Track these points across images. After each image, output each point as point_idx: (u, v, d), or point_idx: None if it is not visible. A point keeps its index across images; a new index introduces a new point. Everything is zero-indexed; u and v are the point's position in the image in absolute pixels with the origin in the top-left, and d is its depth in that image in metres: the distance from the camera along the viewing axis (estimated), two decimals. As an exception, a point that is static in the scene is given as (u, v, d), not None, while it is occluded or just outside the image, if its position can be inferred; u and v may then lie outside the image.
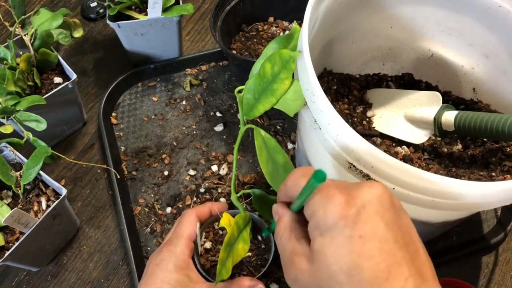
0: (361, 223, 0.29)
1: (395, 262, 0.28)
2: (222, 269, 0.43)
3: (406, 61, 0.63)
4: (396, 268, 0.28)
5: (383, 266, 0.28)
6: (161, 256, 0.46)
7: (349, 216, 0.29)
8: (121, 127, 0.73)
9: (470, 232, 0.62)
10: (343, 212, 0.29)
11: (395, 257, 0.29)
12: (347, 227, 0.29)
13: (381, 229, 0.29)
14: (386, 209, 0.30)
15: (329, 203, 0.30)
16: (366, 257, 0.28)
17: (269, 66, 0.41)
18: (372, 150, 0.36)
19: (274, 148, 0.42)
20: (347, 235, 0.29)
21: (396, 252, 0.29)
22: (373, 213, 0.30)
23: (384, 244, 0.29)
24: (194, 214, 0.50)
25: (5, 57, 0.60)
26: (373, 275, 0.28)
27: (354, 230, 0.29)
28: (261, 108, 0.42)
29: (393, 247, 0.29)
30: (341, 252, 0.29)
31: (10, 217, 0.48)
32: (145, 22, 0.70)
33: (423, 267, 0.30)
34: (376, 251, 0.29)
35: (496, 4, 0.50)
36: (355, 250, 0.29)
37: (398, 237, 0.30)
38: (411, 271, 0.28)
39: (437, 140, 0.58)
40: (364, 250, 0.29)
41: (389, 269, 0.28)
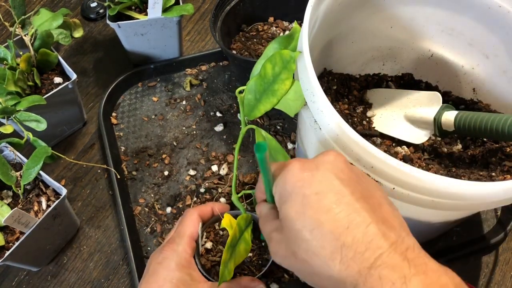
0: (316, 182, 0.31)
1: (354, 211, 0.29)
2: (224, 270, 0.43)
3: (406, 61, 0.63)
4: (355, 217, 0.29)
5: (342, 216, 0.29)
6: (163, 254, 0.46)
7: (305, 178, 0.31)
8: (121, 127, 0.73)
9: (470, 232, 0.62)
10: (299, 176, 0.31)
11: (354, 207, 0.29)
12: (303, 188, 0.31)
13: (336, 185, 0.30)
14: (340, 169, 0.32)
15: (287, 173, 0.32)
16: (324, 210, 0.29)
17: (269, 67, 0.41)
18: (372, 150, 0.36)
19: (275, 148, 0.42)
20: (304, 194, 0.30)
21: (354, 203, 0.30)
22: (327, 172, 0.31)
23: (341, 197, 0.30)
24: (196, 213, 0.50)
25: (5, 57, 0.60)
26: (333, 225, 0.29)
27: (310, 189, 0.30)
28: (262, 108, 0.42)
29: (351, 199, 0.30)
30: (301, 211, 0.30)
31: (10, 217, 0.48)
32: (145, 22, 0.70)
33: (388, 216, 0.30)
34: (333, 204, 0.29)
35: (496, 4, 0.50)
36: (313, 206, 0.30)
37: (355, 191, 0.30)
38: (372, 218, 0.29)
39: (437, 140, 0.58)
40: (321, 204, 0.30)
41: (348, 218, 0.29)
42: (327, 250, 0.29)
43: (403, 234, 0.30)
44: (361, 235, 0.28)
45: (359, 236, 0.28)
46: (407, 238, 0.29)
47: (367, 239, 0.28)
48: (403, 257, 0.28)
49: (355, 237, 0.28)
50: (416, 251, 0.29)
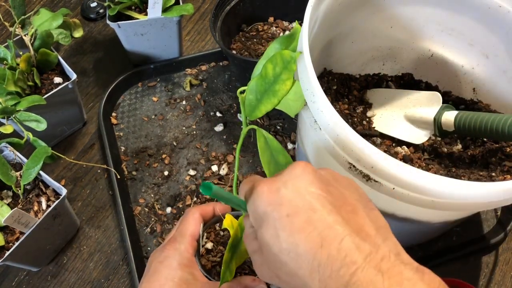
0: (286, 203, 0.30)
1: (327, 227, 0.29)
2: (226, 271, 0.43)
3: (406, 61, 0.63)
4: (328, 233, 0.28)
5: (314, 235, 0.28)
6: (165, 253, 0.46)
7: (274, 200, 0.30)
8: (121, 127, 0.73)
9: (470, 232, 0.63)
10: (268, 199, 0.31)
11: (326, 222, 0.29)
12: (274, 211, 0.30)
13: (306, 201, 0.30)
14: (309, 182, 0.31)
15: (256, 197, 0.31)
16: (296, 231, 0.29)
17: (270, 67, 0.41)
18: (372, 150, 0.36)
19: (276, 149, 0.42)
20: (276, 218, 0.30)
21: (326, 217, 0.29)
22: (295, 190, 0.30)
23: (312, 214, 0.29)
24: (198, 212, 0.50)
25: (5, 57, 0.60)
26: (308, 245, 0.28)
27: (280, 211, 0.30)
28: (263, 109, 0.42)
29: (322, 213, 0.29)
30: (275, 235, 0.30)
31: (10, 217, 0.48)
32: (145, 22, 0.70)
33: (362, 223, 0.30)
34: (304, 223, 0.29)
35: (496, 4, 0.50)
36: (286, 229, 0.29)
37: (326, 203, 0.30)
38: (346, 231, 0.28)
39: (437, 140, 0.58)
40: (293, 226, 0.29)
41: (321, 236, 0.28)
42: (305, 270, 0.29)
43: (379, 241, 0.29)
44: (335, 252, 0.28)
45: (333, 253, 0.28)
46: (383, 245, 0.29)
47: (342, 255, 0.28)
48: (377, 270, 0.27)
49: (330, 254, 0.28)
50: (392, 258, 0.28)
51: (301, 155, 0.55)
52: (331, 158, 0.40)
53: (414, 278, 0.27)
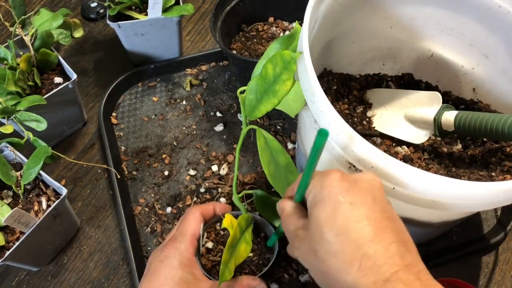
0: (353, 193, 0.32)
1: (380, 228, 0.31)
2: (225, 270, 0.43)
3: (406, 61, 0.63)
4: (381, 233, 0.31)
5: (369, 229, 0.31)
6: (165, 253, 0.46)
7: (343, 186, 0.33)
8: (121, 127, 0.73)
9: (470, 232, 0.63)
10: (338, 183, 0.33)
11: (381, 224, 0.31)
12: (340, 195, 0.32)
13: (369, 201, 0.32)
14: (375, 189, 0.34)
15: (326, 178, 0.34)
16: (354, 220, 0.31)
17: (270, 67, 0.41)
18: (372, 150, 0.36)
19: (276, 149, 0.42)
20: (339, 201, 0.32)
21: (382, 221, 0.32)
22: (364, 189, 0.33)
23: (371, 212, 0.32)
24: (198, 212, 0.50)
25: (5, 57, 0.60)
26: (359, 235, 0.31)
27: (346, 197, 0.32)
28: (263, 109, 0.42)
29: (380, 216, 0.32)
30: (332, 215, 0.32)
31: (10, 217, 0.48)
32: (145, 22, 0.70)
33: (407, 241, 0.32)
34: (363, 216, 0.31)
35: (496, 4, 0.50)
36: (345, 214, 0.32)
37: (384, 211, 0.33)
38: (395, 238, 0.31)
39: (437, 140, 0.58)
40: (353, 214, 0.31)
41: (374, 232, 0.31)
42: (348, 255, 0.31)
43: (418, 259, 0.32)
44: (382, 250, 0.30)
45: (380, 250, 0.30)
46: (420, 264, 0.31)
47: (388, 255, 0.30)
48: (416, 277, 0.30)
49: (377, 250, 0.30)
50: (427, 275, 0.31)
51: (301, 155, 0.55)
52: (331, 158, 0.40)
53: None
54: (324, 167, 0.48)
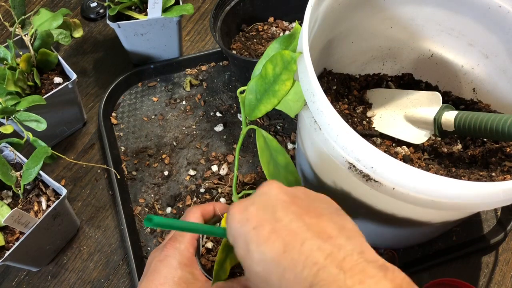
0: (252, 217, 0.32)
1: (288, 234, 0.30)
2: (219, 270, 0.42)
3: (406, 61, 0.63)
4: (290, 239, 0.30)
5: (278, 242, 0.30)
6: (165, 252, 0.46)
7: (242, 218, 0.33)
8: (121, 127, 0.73)
9: (470, 232, 0.63)
10: (238, 217, 0.33)
11: (288, 229, 0.30)
12: (243, 227, 0.32)
13: (269, 215, 0.32)
14: (273, 197, 0.33)
15: (229, 219, 0.34)
16: (262, 241, 0.31)
17: (270, 67, 0.41)
18: (372, 150, 0.36)
19: (276, 149, 0.42)
20: (245, 232, 0.32)
21: (288, 225, 0.31)
22: (261, 205, 0.33)
23: (275, 223, 0.31)
24: (199, 212, 0.50)
25: (5, 57, 0.60)
26: (273, 253, 0.30)
27: (248, 226, 0.32)
28: (263, 109, 0.42)
29: (285, 222, 0.31)
30: (246, 249, 0.32)
31: (10, 217, 0.48)
32: (145, 22, 0.70)
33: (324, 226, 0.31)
34: (269, 233, 0.31)
35: (496, 4, 0.50)
36: (254, 241, 0.31)
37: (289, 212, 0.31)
38: (306, 235, 0.29)
39: (437, 140, 0.58)
40: (259, 237, 0.31)
41: (284, 242, 0.30)
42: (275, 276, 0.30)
43: (341, 241, 0.29)
44: (297, 255, 0.29)
45: (295, 256, 0.29)
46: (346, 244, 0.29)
47: (303, 257, 0.28)
48: (339, 268, 0.28)
49: (293, 258, 0.29)
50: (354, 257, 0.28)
51: (301, 155, 0.55)
52: (331, 158, 0.40)
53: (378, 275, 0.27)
54: (324, 167, 0.48)
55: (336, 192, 0.48)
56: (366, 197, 0.45)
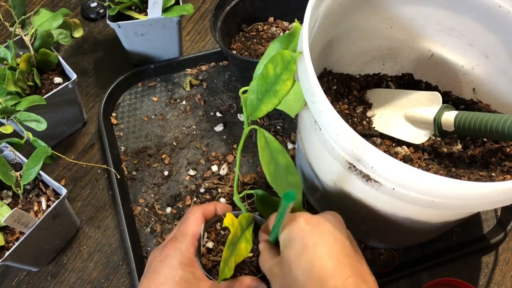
0: (316, 235, 0.38)
1: (340, 264, 0.36)
2: (225, 267, 0.43)
3: (406, 61, 0.63)
4: (339, 269, 0.36)
5: (329, 267, 0.36)
6: (165, 252, 0.46)
7: (306, 229, 0.38)
8: (121, 127, 0.73)
9: (470, 232, 0.63)
10: (303, 227, 0.39)
11: (340, 261, 0.37)
12: (305, 237, 0.38)
13: (330, 241, 0.38)
14: (337, 229, 0.39)
15: (293, 224, 0.39)
16: (317, 258, 0.36)
17: (271, 67, 0.41)
18: (372, 150, 0.36)
19: (276, 149, 0.42)
20: (304, 243, 0.37)
21: (341, 258, 0.37)
22: (326, 229, 0.39)
23: (332, 251, 0.37)
24: (200, 212, 0.50)
25: (5, 57, 0.60)
26: (321, 272, 0.36)
27: (310, 239, 0.38)
28: (264, 109, 0.42)
29: (339, 255, 0.37)
30: (299, 255, 0.37)
31: (10, 217, 0.48)
32: (145, 22, 0.70)
33: (365, 273, 0.38)
34: (325, 255, 0.36)
35: (496, 4, 0.50)
36: (309, 254, 0.37)
37: (343, 249, 0.38)
38: (352, 273, 0.36)
39: (437, 140, 0.58)
40: (315, 253, 0.37)
41: (334, 269, 0.36)
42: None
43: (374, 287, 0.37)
44: (341, 284, 0.35)
45: (339, 285, 0.35)
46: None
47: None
48: None
49: (336, 285, 0.35)
50: None
51: (301, 155, 0.55)
52: (331, 158, 0.40)
53: None
54: (324, 168, 0.48)
55: (336, 192, 0.48)
56: (366, 197, 0.45)
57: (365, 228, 0.55)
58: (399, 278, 0.59)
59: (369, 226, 0.54)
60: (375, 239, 0.59)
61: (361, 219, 0.52)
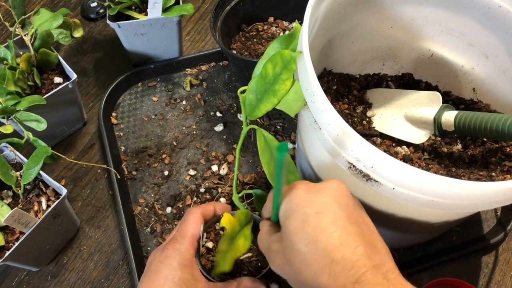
0: (318, 203, 0.35)
1: (347, 233, 0.33)
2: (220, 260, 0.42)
3: (406, 61, 0.63)
4: (347, 238, 0.33)
5: (335, 235, 0.33)
6: (165, 253, 0.46)
7: (308, 198, 0.35)
8: (121, 127, 0.73)
9: (470, 232, 0.63)
10: (303, 196, 0.35)
11: (347, 229, 0.33)
12: (306, 206, 0.35)
13: (335, 208, 0.34)
14: (340, 195, 0.36)
15: (293, 193, 0.36)
16: (321, 228, 0.33)
17: (270, 67, 0.41)
18: (372, 150, 0.36)
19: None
20: (306, 212, 0.34)
21: (348, 226, 0.34)
22: (329, 196, 0.35)
23: (337, 219, 0.34)
24: (199, 212, 0.50)
25: (5, 57, 0.60)
26: (327, 242, 0.33)
27: (312, 208, 0.34)
28: (263, 108, 0.42)
29: (345, 222, 0.34)
30: (301, 226, 0.34)
31: (10, 217, 0.48)
32: (145, 22, 0.70)
33: (376, 242, 0.34)
34: (329, 224, 0.33)
35: (496, 4, 0.50)
36: (312, 224, 0.34)
37: (350, 216, 0.34)
38: (361, 241, 0.33)
39: (437, 140, 0.58)
40: (319, 223, 0.33)
41: (340, 238, 0.33)
42: (319, 263, 0.32)
43: (387, 258, 0.34)
44: (349, 254, 0.32)
45: (348, 255, 0.32)
46: (390, 263, 0.33)
47: (355, 258, 0.32)
48: (384, 276, 0.32)
49: (344, 255, 0.32)
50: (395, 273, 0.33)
51: (301, 155, 0.55)
52: (331, 158, 0.40)
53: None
54: (324, 167, 0.48)
55: (336, 192, 0.48)
56: (366, 197, 0.45)
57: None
58: (399, 278, 0.59)
59: (369, 226, 0.54)
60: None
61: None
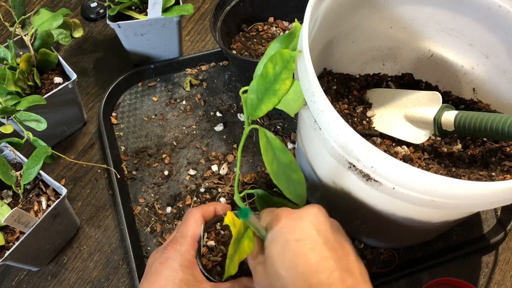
0: (298, 230, 0.37)
1: (323, 259, 0.35)
2: (230, 264, 0.43)
3: (406, 61, 0.63)
4: (323, 263, 0.35)
5: (313, 261, 0.35)
6: (166, 254, 0.46)
7: (289, 225, 0.37)
8: (121, 127, 0.73)
9: (470, 232, 0.63)
10: (285, 223, 0.38)
11: (324, 255, 0.36)
12: (287, 233, 0.37)
13: (313, 235, 0.37)
14: (319, 222, 0.38)
15: (275, 221, 0.39)
16: (300, 254, 0.35)
17: (271, 66, 0.41)
18: (372, 150, 0.36)
19: (278, 148, 0.42)
20: (286, 239, 0.37)
21: (325, 252, 0.36)
22: (308, 222, 0.37)
23: (315, 245, 0.36)
24: (199, 213, 0.50)
25: (5, 57, 0.60)
26: (305, 268, 0.35)
27: (292, 235, 0.37)
28: (264, 108, 0.42)
29: (323, 248, 0.36)
30: (282, 252, 0.36)
31: (10, 216, 0.48)
32: (145, 22, 0.70)
33: (351, 265, 0.37)
34: (308, 250, 0.36)
35: (496, 4, 0.50)
36: (292, 250, 0.36)
37: (327, 242, 0.37)
38: (336, 266, 0.35)
39: (437, 140, 0.58)
40: (298, 249, 0.36)
41: (317, 264, 0.35)
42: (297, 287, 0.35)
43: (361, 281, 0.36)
44: (325, 279, 0.34)
45: (323, 279, 0.34)
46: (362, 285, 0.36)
47: (329, 282, 0.34)
48: None
49: (320, 280, 0.34)
50: None
51: (301, 155, 0.55)
52: (331, 158, 0.40)
53: None
54: (324, 167, 0.48)
55: (336, 192, 0.48)
56: (366, 197, 0.45)
57: (365, 227, 0.55)
58: (399, 278, 0.59)
59: (369, 226, 0.54)
60: (375, 239, 0.59)
61: (361, 218, 0.52)
